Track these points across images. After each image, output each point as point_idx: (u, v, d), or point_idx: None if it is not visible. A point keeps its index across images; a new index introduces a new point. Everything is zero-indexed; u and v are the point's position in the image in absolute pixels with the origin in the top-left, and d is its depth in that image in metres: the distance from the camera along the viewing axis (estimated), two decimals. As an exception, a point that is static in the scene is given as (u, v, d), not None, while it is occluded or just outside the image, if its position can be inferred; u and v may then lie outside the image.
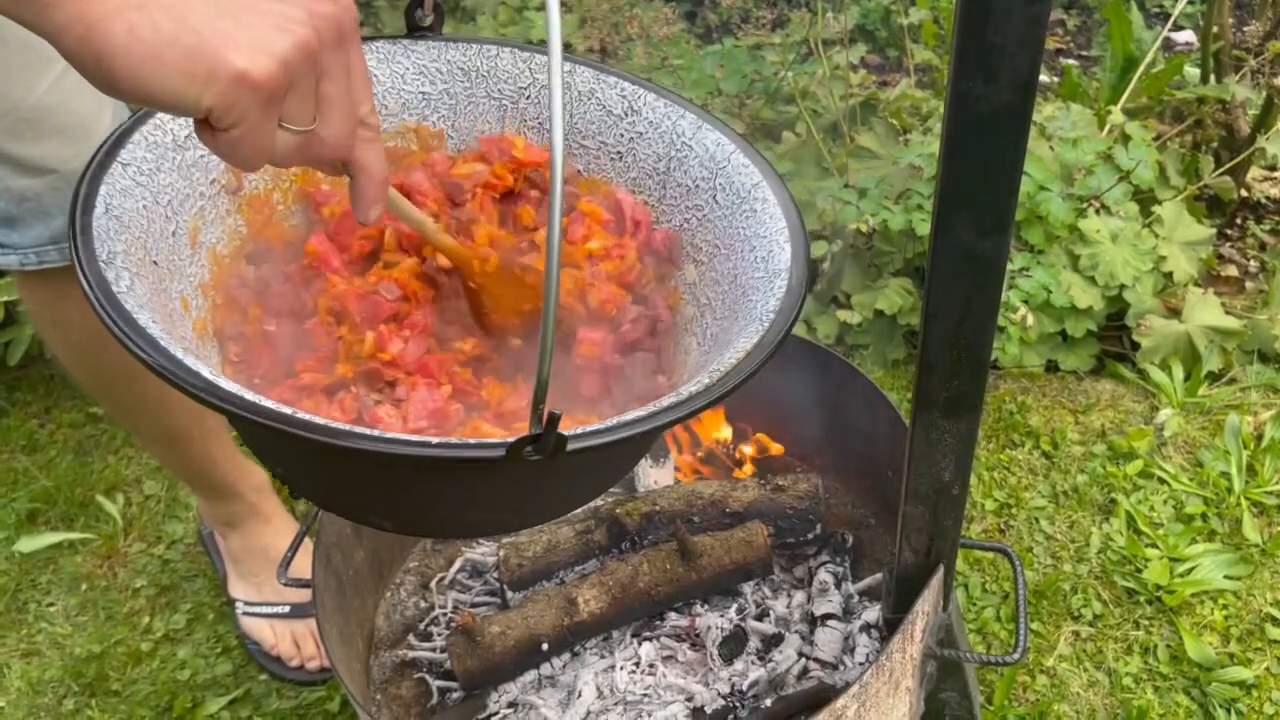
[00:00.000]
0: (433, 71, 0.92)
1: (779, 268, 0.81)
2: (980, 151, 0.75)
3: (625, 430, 0.66)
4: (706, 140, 0.90)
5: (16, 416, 1.95)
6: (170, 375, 0.64)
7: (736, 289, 0.84)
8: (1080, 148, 1.93)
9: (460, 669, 1.17)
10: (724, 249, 0.87)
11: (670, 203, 0.91)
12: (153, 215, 0.77)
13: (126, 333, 0.65)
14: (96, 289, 0.67)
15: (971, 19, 0.69)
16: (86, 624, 1.62)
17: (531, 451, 0.61)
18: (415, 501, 0.75)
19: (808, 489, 1.30)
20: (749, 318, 0.79)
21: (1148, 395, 1.89)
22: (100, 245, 0.69)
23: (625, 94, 0.92)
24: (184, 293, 0.78)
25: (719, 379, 0.71)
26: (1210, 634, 1.52)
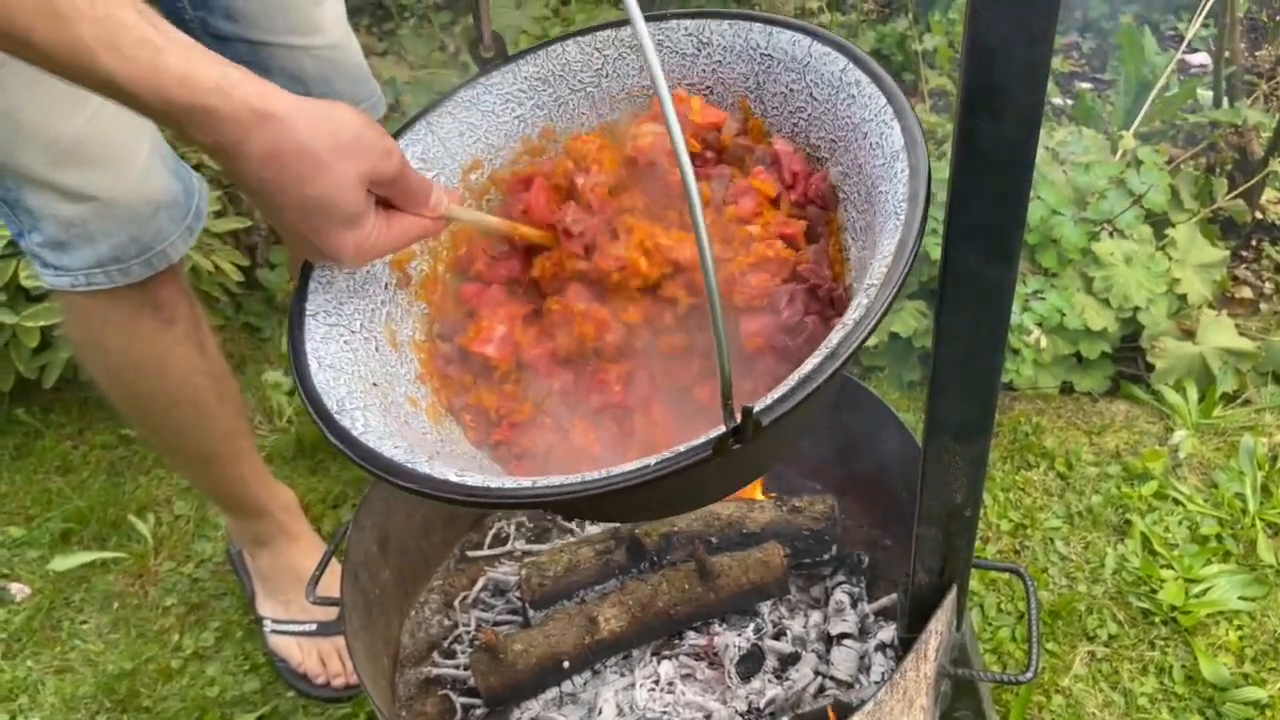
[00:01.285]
0: (515, 94, 0.96)
1: (895, 149, 0.81)
2: (987, 186, 0.78)
3: (807, 385, 0.70)
4: (782, 41, 0.90)
5: (51, 438, 2.00)
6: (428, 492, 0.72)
7: (865, 179, 0.85)
8: (1093, 172, 1.95)
9: (483, 686, 1.20)
10: (840, 141, 0.88)
11: (773, 115, 0.92)
12: (354, 345, 0.83)
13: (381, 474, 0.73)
14: (342, 444, 0.75)
15: (976, 60, 0.72)
16: (118, 641, 1.66)
17: (734, 442, 0.67)
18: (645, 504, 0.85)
19: (824, 510, 1.32)
20: (885, 211, 0.80)
21: (1162, 416, 1.91)
22: (328, 399, 0.77)
23: (690, 31, 0.93)
24: (408, 393, 0.85)
25: (875, 295, 0.73)
26: (1225, 655, 1.53)
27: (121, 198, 1.14)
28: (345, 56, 1.34)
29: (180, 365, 1.28)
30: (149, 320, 1.24)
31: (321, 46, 1.30)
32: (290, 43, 1.26)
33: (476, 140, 0.97)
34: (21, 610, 1.70)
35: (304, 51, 1.28)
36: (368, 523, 1.28)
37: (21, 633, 1.67)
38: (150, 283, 1.21)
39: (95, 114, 1.11)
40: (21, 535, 1.82)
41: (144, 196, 1.16)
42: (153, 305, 1.23)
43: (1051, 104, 2.65)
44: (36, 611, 1.70)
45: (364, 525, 1.28)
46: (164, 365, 1.27)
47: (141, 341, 1.25)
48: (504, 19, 2.71)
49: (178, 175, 1.22)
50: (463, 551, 1.46)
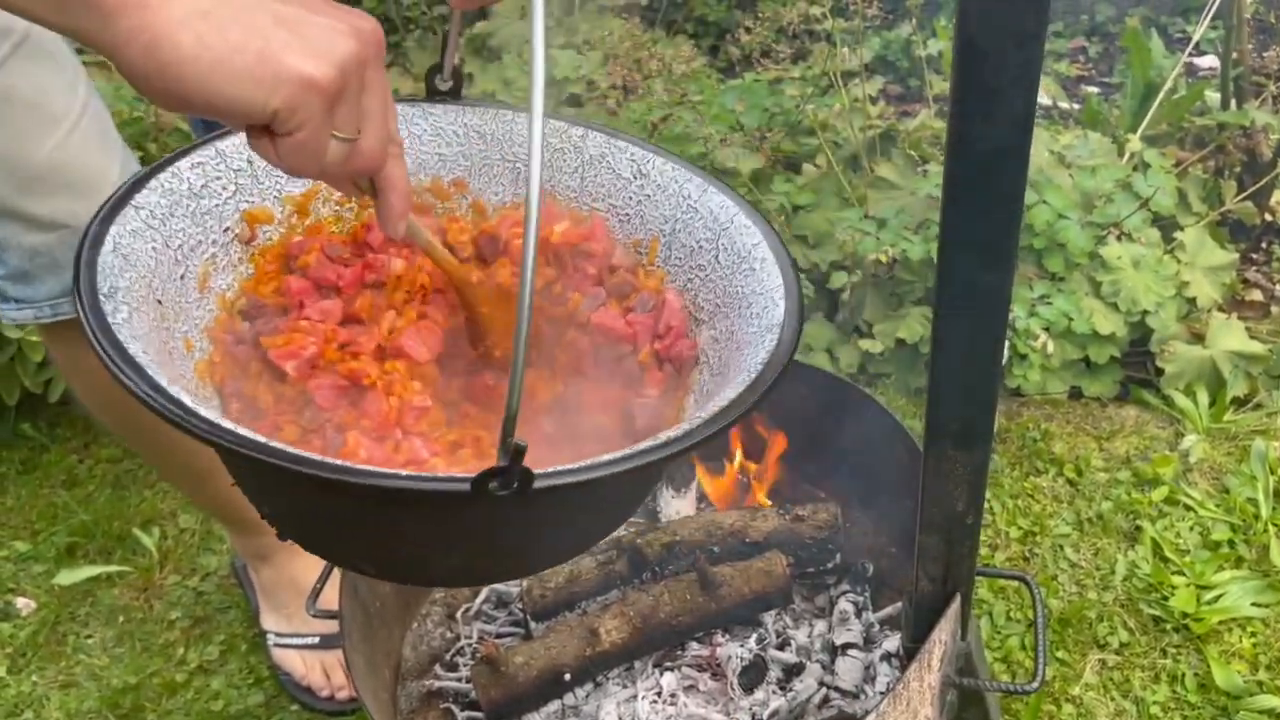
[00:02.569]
0: (449, 134, 0.95)
1: (772, 323, 0.82)
2: (980, 189, 0.77)
3: (596, 471, 0.65)
4: (711, 203, 0.92)
5: (57, 452, 2.01)
6: (149, 400, 0.65)
7: (732, 345, 0.86)
8: (1099, 175, 1.94)
9: (485, 699, 1.19)
10: (724, 308, 0.89)
11: (675, 264, 0.94)
12: (162, 258, 0.79)
13: (112, 357, 0.66)
14: (91, 317, 0.68)
15: (967, 63, 0.72)
16: (123, 655, 1.66)
17: (497, 486, 0.60)
18: (394, 544, 0.75)
19: (827, 518, 1.31)
20: (740, 369, 0.80)
21: (1172, 421, 1.89)
22: (103, 279, 0.71)
23: (634, 158, 0.95)
24: (188, 334, 0.80)
25: (700, 424, 0.72)
26: (1238, 662, 1.51)
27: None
28: None
29: None
30: None
31: None
32: None
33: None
34: (27, 624, 1.70)
35: None
36: (368, 535, 1.28)
37: (27, 647, 1.67)
38: None
39: (64, 140, 1.09)
40: (27, 549, 1.82)
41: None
42: None
43: (1059, 108, 2.63)
44: (42, 626, 1.70)
45: (364, 537, 1.27)
46: None
47: None
48: (508, 28, 2.71)
49: None
50: (465, 563, 1.45)
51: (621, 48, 2.48)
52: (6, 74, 1.03)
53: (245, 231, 0.87)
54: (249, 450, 0.65)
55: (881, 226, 1.95)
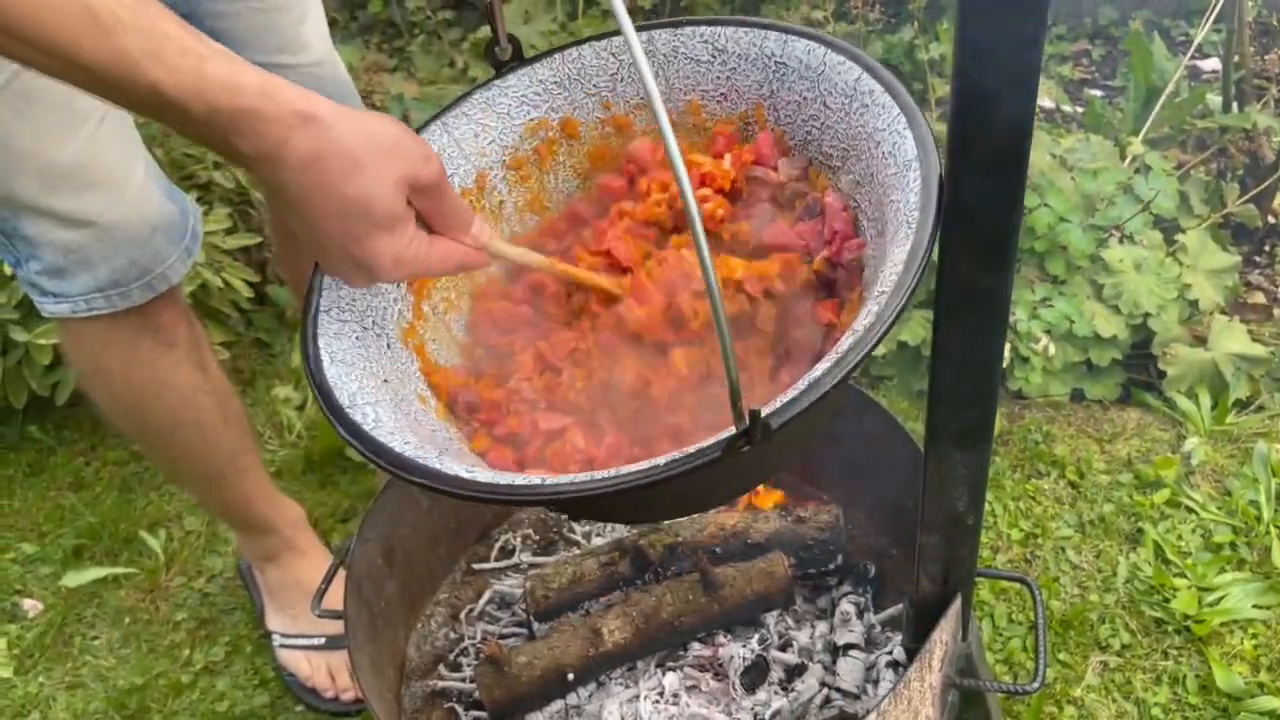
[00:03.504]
0: (531, 97, 0.97)
1: (908, 158, 0.82)
2: (979, 192, 0.78)
3: (815, 391, 0.70)
4: (796, 50, 0.91)
5: (64, 455, 2.02)
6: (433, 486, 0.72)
7: (877, 187, 0.85)
8: (1101, 178, 1.94)
9: (488, 699, 1.20)
10: (853, 150, 0.88)
11: (786, 123, 0.93)
12: (365, 342, 0.84)
13: (390, 468, 0.74)
14: (353, 438, 0.75)
15: (966, 67, 0.72)
16: (129, 656, 1.67)
17: (743, 444, 0.67)
18: (654, 505, 0.85)
19: (829, 520, 1.32)
20: (896, 220, 0.80)
21: (1174, 424, 1.89)
22: (340, 394, 0.78)
23: (706, 38, 0.94)
24: (417, 391, 0.85)
25: (885, 303, 0.73)
26: (1240, 663, 1.52)
27: (119, 221, 1.14)
28: (330, 73, 1.35)
29: (182, 386, 1.29)
30: (149, 343, 1.25)
31: (307, 64, 1.30)
32: (277, 62, 1.27)
33: (491, 141, 0.98)
34: (34, 626, 1.71)
35: (290, 70, 1.28)
36: (372, 535, 1.29)
37: (34, 648, 1.68)
38: (149, 306, 1.22)
39: (90, 138, 1.11)
40: (34, 551, 1.83)
41: (141, 218, 1.16)
42: (152, 329, 1.24)
43: (1061, 111, 2.64)
44: (49, 627, 1.71)
45: (368, 538, 1.28)
46: (165, 387, 1.28)
47: (142, 364, 1.25)
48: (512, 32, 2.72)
49: (171, 198, 1.22)
50: (468, 564, 1.46)
51: (625, 52, 2.48)
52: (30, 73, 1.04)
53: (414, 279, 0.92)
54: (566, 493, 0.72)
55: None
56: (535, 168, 0.99)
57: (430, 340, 0.91)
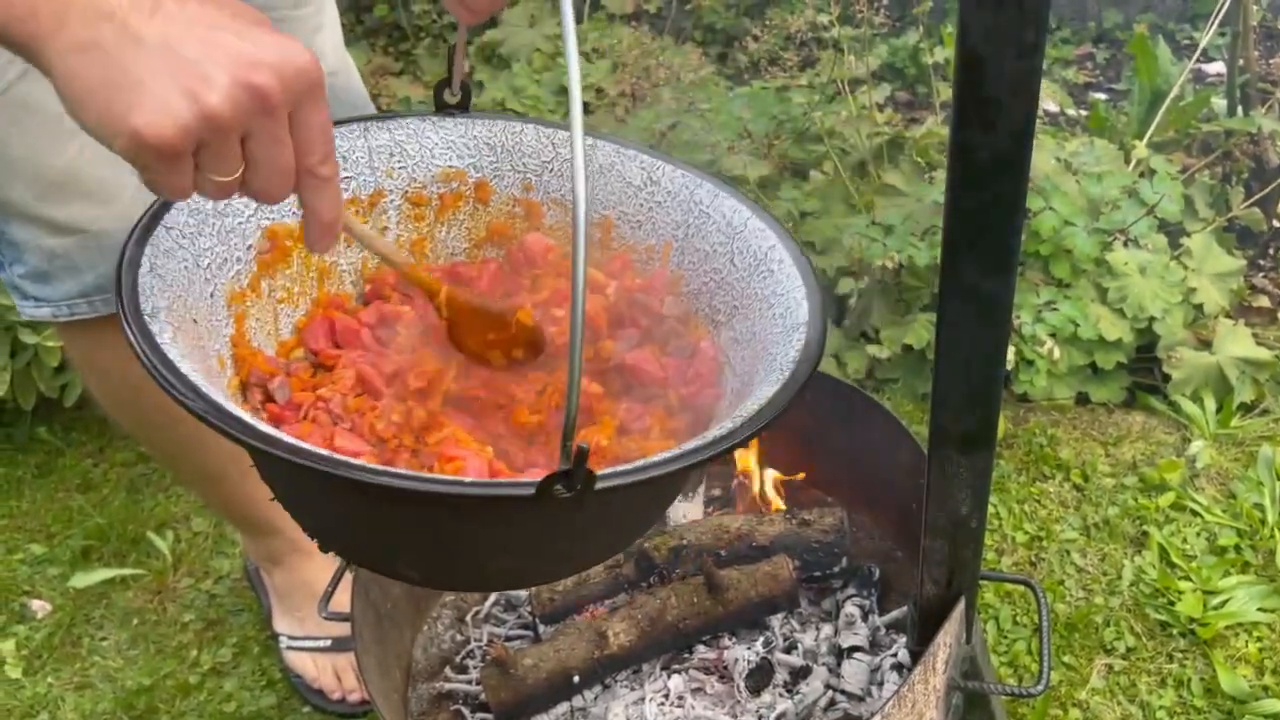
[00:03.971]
0: (460, 146, 0.97)
1: (798, 322, 0.84)
2: (981, 197, 0.79)
3: (655, 470, 0.68)
4: (724, 207, 0.94)
5: (72, 456, 2.03)
6: (211, 419, 0.67)
7: (757, 345, 0.87)
8: (1105, 182, 1.95)
9: (494, 701, 1.21)
10: (742, 309, 0.91)
11: (689, 268, 0.95)
12: (193, 276, 0.81)
13: (169, 379, 0.69)
14: (141, 339, 0.71)
15: (967, 73, 0.73)
16: (137, 657, 1.67)
17: (562, 489, 0.62)
18: (445, 549, 0.77)
19: (833, 523, 1.32)
20: (770, 368, 0.82)
21: (1179, 427, 1.89)
22: (145, 300, 0.74)
23: (644, 165, 0.96)
24: (220, 352, 0.82)
25: (743, 422, 0.74)
26: (1244, 667, 1.52)
27: (109, 230, 1.13)
28: (343, 83, 1.35)
29: None
30: None
31: None
32: None
33: (403, 167, 0.96)
34: (42, 627, 1.72)
35: None
36: (379, 538, 1.29)
37: (42, 649, 1.69)
38: None
39: (84, 148, 1.10)
40: (43, 552, 1.84)
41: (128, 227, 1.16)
42: None
43: (1065, 114, 2.64)
44: (57, 628, 1.72)
45: (375, 540, 1.28)
46: None
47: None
48: (518, 37, 2.74)
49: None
50: (475, 566, 1.46)
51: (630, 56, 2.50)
52: (27, 82, 1.05)
53: (266, 246, 0.89)
54: (311, 462, 0.66)
55: (888, 233, 1.96)
56: (433, 213, 0.98)
57: (254, 316, 0.87)
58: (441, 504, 0.67)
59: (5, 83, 1.04)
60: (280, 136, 0.65)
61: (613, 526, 0.82)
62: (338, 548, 0.82)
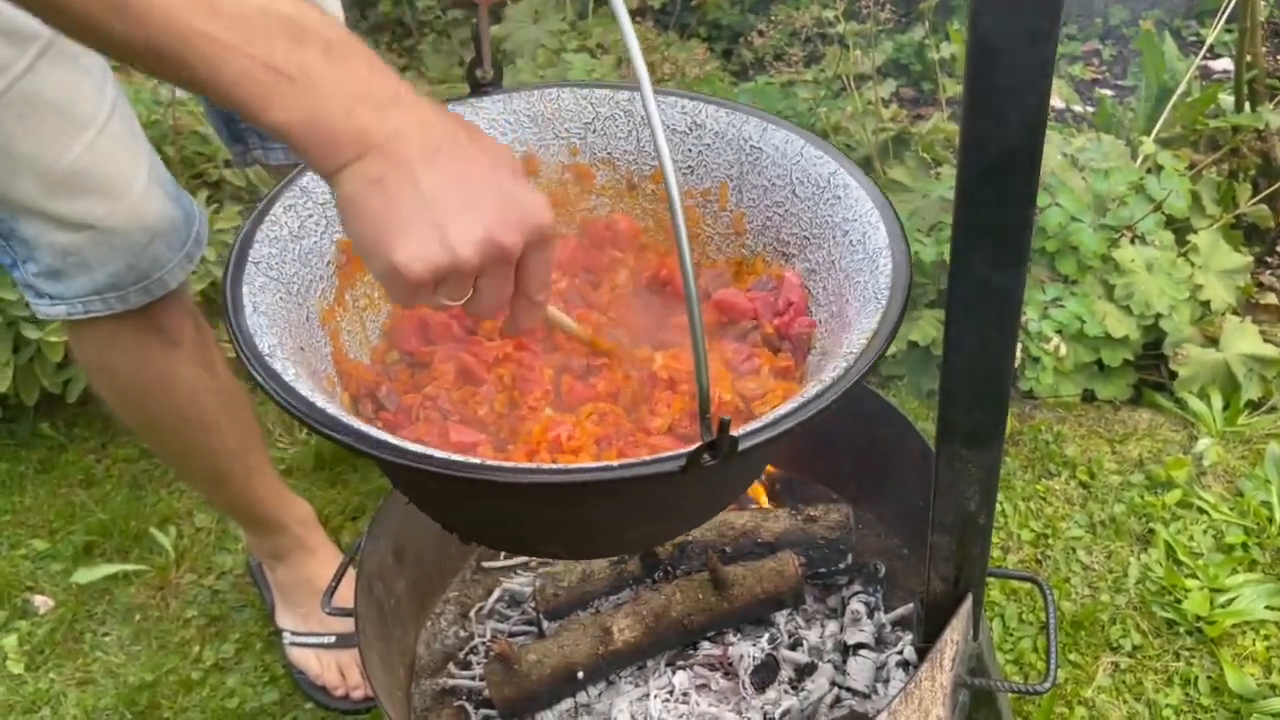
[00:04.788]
0: (502, 123, 0.97)
1: (879, 246, 0.83)
2: (993, 190, 0.78)
3: (787, 422, 0.70)
4: (775, 139, 0.92)
5: (75, 452, 2.02)
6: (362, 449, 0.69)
7: (838, 274, 0.86)
8: (1112, 178, 1.94)
9: (498, 697, 1.20)
10: (814, 239, 0.90)
11: (749, 204, 0.94)
12: (289, 305, 0.82)
13: (310, 418, 0.71)
14: (272, 382, 0.73)
15: (979, 63, 0.72)
16: (140, 653, 1.67)
17: (709, 458, 0.65)
18: (590, 526, 0.80)
19: (839, 519, 1.31)
20: (862, 299, 0.81)
21: (1186, 424, 1.88)
22: (260, 341, 0.75)
23: (686, 110, 0.95)
24: (327, 372, 0.83)
25: (855, 360, 0.74)
26: (1252, 665, 1.51)
27: (119, 226, 1.14)
28: None
29: (188, 385, 1.29)
30: (154, 343, 1.24)
31: None
32: None
33: None
34: (44, 622, 1.72)
35: None
36: (382, 534, 1.29)
37: (44, 645, 1.69)
38: (153, 307, 1.21)
39: (92, 143, 1.10)
40: (45, 548, 1.84)
41: (141, 224, 1.16)
42: (156, 329, 1.24)
43: (1072, 110, 2.63)
44: (59, 624, 1.71)
45: (378, 536, 1.28)
46: (171, 386, 1.28)
47: (148, 363, 1.25)
48: (521, 33, 2.73)
49: (178, 202, 1.21)
50: (478, 562, 1.46)
51: (635, 51, 2.48)
52: (34, 78, 1.05)
53: (343, 260, 0.89)
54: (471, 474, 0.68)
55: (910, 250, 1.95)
56: None
57: (346, 330, 0.89)
58: (595, 491, 0.69)
59: (11, 78, 1.04)
60: (509, 276, 0.73)
61: (745, 474, 0.84)
62: (480, 540, 0.86)
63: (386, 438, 0.70)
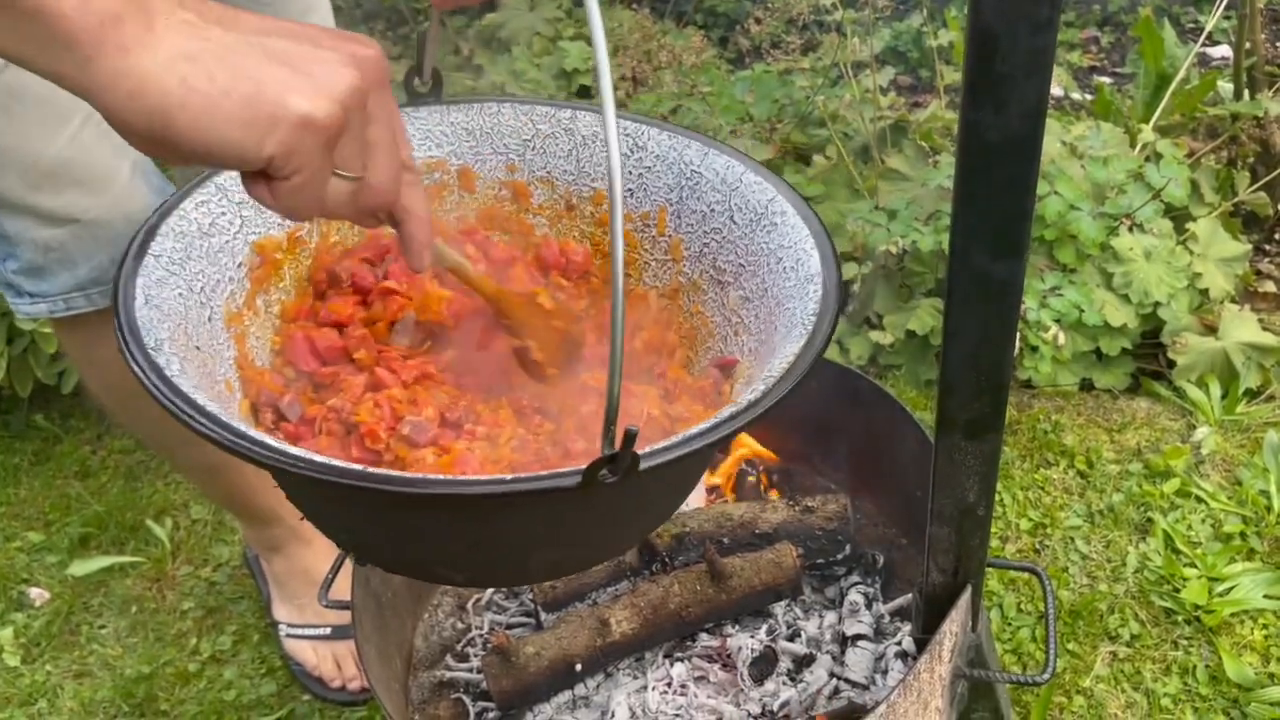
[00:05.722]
0: (438, 135, 0.95)
1: (810, 273, 0.82)
2: (992, 179, 0.77)
3: (695, 442, 0.67)
4: (715, 164, 0.91)
5: (70, 443, 2.02)
6: (238, 448, 0.66)
7: (769, 301, 0.85)
8: (1111, 166, 1.93)
9: (496, 689, 1.20)
10: (749, 266, 0.89)
11: (687, 230, 0.93)
12: (189, 303, 0.79)
13: (189, 413, 0.67)
14: (151, 374, 0.69)
15: (979, 51, 0.71)
16: (136, 645, 1.67)
17: (607, 474, 0.61)
18: (487, 548, 0.75)
19: (837, 510, 1.31)
20: (789, 324, 0.80)
21: (1184, 413, 1.88)
22: (147, 334, 0.72)
23: (628, 132, 0.94)
24: (226, 376, 0.80)
25: (774, 383, 0.72)
26: (1250, 654, 1.51)
27: (103, 218, 1.12)
28: None
29: None
30: None
31: None
32: None
33: None
34: (40, 615, 1.72)
35: None
36: (379, 526, 1.28)
37: (40, 637, 1.68)
38: None
39: (76, 135, 1.08)
40: (40, 540, 1.83)
41: (125, 217, 1.14)
42: None
43: (1070, 98, 2.62)
44: (55, 616, 1.71)
45: (375, 528, 1.27)
46: None
47: None
48: (517, 21, 2.71)
49: (163, 194, 1.19)
50: (476, 554, 1.45)
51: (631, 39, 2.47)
52: (16, 70, 1.03)
53: (256, 262, 0.86)
54: (352, 480, 0.64)
55: (892, 218, 1.95)
56: None
57: (254, 335, 0.86)
58: (483, 504, 0.65)
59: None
60: (392, 112, 0.62)
61: (660, 497, 0.81)
62: (376, 560, 0.81)
63: (262, 437, 0.67)
